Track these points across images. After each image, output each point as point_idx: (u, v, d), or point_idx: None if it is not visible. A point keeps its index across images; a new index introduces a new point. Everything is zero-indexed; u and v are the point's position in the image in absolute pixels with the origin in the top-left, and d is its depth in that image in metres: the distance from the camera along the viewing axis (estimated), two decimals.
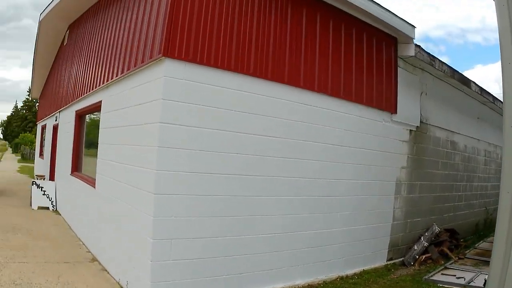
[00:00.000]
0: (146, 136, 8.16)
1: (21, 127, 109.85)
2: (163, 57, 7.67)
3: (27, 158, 62.34)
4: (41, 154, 30.46)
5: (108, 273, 9.98)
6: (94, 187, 11.69)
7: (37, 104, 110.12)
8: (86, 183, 12.97)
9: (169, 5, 7.75)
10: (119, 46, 10.47)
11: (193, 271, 8.08)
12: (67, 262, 10.60)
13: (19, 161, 56.03)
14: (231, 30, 8.44)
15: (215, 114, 8.24)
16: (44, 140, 28.96)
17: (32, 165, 44.10)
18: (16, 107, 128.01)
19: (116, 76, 10.20)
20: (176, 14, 7.77)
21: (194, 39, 7.93)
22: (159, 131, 7.65)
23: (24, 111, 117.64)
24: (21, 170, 39.21)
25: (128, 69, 9.37)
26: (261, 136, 8.95)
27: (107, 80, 11.01)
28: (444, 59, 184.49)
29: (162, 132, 7.66)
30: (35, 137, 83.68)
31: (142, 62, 8.55)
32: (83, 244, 12.52)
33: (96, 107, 12.51)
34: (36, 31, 21.67)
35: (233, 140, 8.51)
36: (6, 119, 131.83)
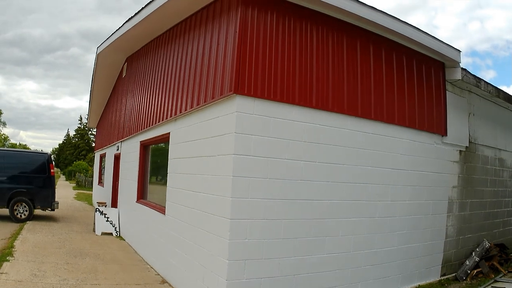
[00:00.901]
0: (220, 166, 8.84)
1: (74, 155, 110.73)
2: (234, 94, 8.41)
3: (83, 185, 63.54)
4: (100, 182, 31.41)
5: None
6: (164, 214, 12.36)
7: (89, 132, 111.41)
8: (154, 210, 13.66)
9: (236, 46, 8.51)
10: (185, 81, 11.19)
11: None
12: (137, 284, 11.32)
13: (74, 188, 57.17)
14: (294, 66, 9.15)
15: (284, 145, 8.95)
16: (103, 168, 29.87)
17: (88, 192, 45.07)
18: (68, 135, 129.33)
19: (185, 110, 10.90)
20: (243, 54, 8.52)
21: (261, 76, 8.67)
22: (233, 162, 8.35)
23: (77, 139, 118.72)
24: (78, 197, 40.17)
25: (198, 104, 10.08)
26: (326, 163, 9.64)
27: (175, 114, 11.70)
28: (491, 73, 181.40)
29: (236, 162, 8.37)
30: (89, 165, 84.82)
31: (213, 98, 9.27)
32: (151, 267, 13.19)
33: (163, 139, 13.26)
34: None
35: (301, 168, 9.21)
36: (57, 146, 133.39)
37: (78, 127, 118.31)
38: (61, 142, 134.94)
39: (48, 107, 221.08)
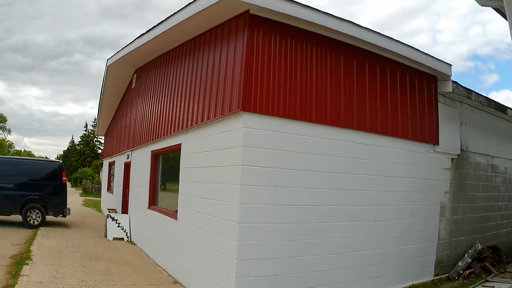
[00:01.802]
0: (229, 175, 9.72)
1: (79, 162, 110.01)
2: (242, 111, 9.32)
3: (89, 192, 64.01)
4: (109, 189, 32.04)
5: None
6: (176, 219, 13.17)
7: (95, 139, 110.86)
8: (166, 215, 14.49)
9: (243, 68, 9.44)
10: (196, 96, 12.03)
11: (269, 286, 9.59)
12: (151, 284, 12.06)
13: (81, 195, 57.62)
14: (294, 84, 10.06)
15: (286, 156, 9.86)
16: (112, 175, 30.56)
17: (95, 198, 45.35)
18: (72, 141, 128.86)
19: (196, 123, 11.75)
20: (249, 75, 9.45)
21: (265, 94, 9.60)
22: (241, 172, 9.26)
23: (82, 146, 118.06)
24: (86, 204, 40.78)
25: (208, 118, 10.95)
26: (325, 172, 10.50)
27: (187, 126, 12.52)
28: (493, 76, 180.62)
29: (243, 173, 9.27)
30: (94, 172, 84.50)
31: (222, 114, 10.17)
32: (163, 269, 13.97)
33: (175, 149, 14.05)
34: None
35: (302, 177, 10.09)
36: (62, 153, 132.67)
37: (84, 133, 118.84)
38: (65, 148, 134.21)
39: (51, 114, 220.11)
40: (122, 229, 19.99)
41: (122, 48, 19.10)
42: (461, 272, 13.63)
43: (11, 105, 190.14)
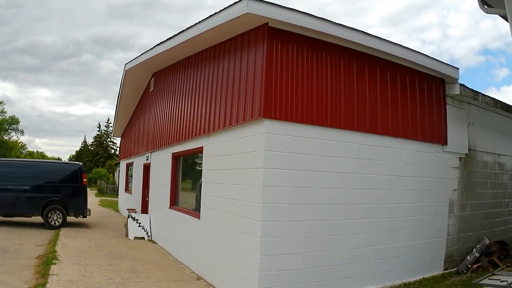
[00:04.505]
0: (252, 177, 10.40)
1: (93, 162, 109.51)
2: (263, 118, 10.01)
3: (105, 192, 64.73)
4: (127, 189, 32.61)
5: (214, 287, 12.09)
6: (199, 218, 13.80)
7: (108, 139, 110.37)
8: (188, 215, 15.14)
9: (264, 78, 10.13)
10: (217, 102, 12.67)
11: (289, 279, 10.27)
12: (176, 280, 12.66)
13: (96, 195, 57.92)
14: (311, 93, 10.73)
15: (305, 159, 10.55)
16: (130, 176, 31.06)
17: (111, 198, 45.65)
18: (85, 142, 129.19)
19: (218, 128, 12.39)
20: (269, 84, 10.14)
21: (284, 102, 10.29)
22: (263, 174, 9.95)
23: (95, 147, 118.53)
24: (102, 204, 41.49)
25: (230, 124, 11.61)
26: (340, 173, 11.16)
27: (209, 131, 13.16)
28: (504, 70, 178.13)
29: (265, 175, 9.96)
30: (108, 172, 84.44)
31: (244, 120, 10.85)
32: (186, 266, 14.58)
33: (196, 151, 14.76)
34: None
35: (319, 178, 10.77)
36: (74, 154, 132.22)
37: (97, 134, 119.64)
38: (77, 149, 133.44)
39: (62, 114, 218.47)
40: (142, 228, 20.59)
41: (141, 54, 19.69)
42: (470, 266, 14.09)
43: (21, 106, 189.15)
